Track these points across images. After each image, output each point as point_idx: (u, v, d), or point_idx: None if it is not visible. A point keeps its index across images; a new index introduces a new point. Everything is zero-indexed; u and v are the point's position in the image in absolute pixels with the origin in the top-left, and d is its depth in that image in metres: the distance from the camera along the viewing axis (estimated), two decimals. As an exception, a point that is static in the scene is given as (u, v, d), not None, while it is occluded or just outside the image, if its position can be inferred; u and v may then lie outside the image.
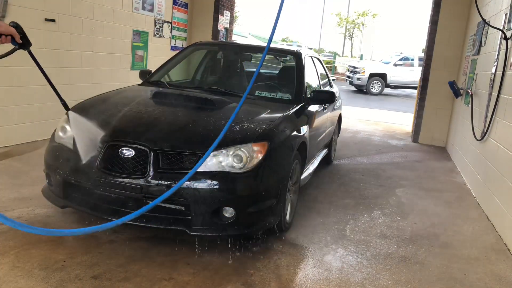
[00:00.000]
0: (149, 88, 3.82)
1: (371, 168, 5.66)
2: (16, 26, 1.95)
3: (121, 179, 2.69)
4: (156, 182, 2.65)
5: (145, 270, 2.60)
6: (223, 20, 8.76)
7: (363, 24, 45.88)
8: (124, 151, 2.73)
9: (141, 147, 2.72)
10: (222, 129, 2.90)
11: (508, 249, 3.39)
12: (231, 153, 2.74)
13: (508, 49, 4.17)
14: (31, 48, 2.12)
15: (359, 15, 45.50)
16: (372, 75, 18.16)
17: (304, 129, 3.56)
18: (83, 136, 2.92)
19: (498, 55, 4.53)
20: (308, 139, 3.66)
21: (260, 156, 2.79)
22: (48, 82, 2.47)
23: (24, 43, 1.99)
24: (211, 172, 2.68)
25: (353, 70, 19.28)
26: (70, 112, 3.25)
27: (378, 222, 3.74)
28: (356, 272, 2.82)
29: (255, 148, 2.79)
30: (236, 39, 15.72)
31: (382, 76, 18.19)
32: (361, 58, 29.71)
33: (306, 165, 3.93)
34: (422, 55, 15.56)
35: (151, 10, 7.25)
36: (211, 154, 2.70)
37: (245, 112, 3.33)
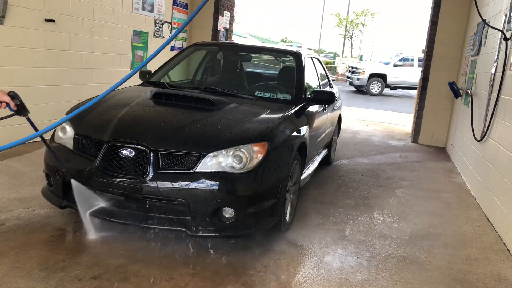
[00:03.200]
0: (149, 88, 3.82)
1: (371, 168, 5.66)
2: (14, 95, 2.19)
3: (121, 179, 2.69)
4: (156, 182, 2.65)
5: (145, 270, 2.60)
6: (223, 21, 8.76)
7: (362, 24, 45.86)
8: (124, 152, 2.73)
9: (141, 147, 2.72)
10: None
11: (508, 249, 3.39)
12: (231, 153, 2.74)
13: (508, 50, 4.17)
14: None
15: (358, 15, 45.49)
16: (372, 76, 18.17)
17: (304, 130, 3.56)
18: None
19: (498, 55, 4.54)
20: (308, 139, 3.66)
21: (260, 157, 2.79)
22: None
23: (20, 110, 2.27)
24: (211, 172, 2.68)
25: (353, 70, 19.30)
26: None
27: (378, 223, 3.74)
28: (356, 273, 2.82)
29: (255, 148, 2.79)
30: (236, 39, 15.72)
31: (382, 77, 18.20)
32: (360, 59, 29.71)
33: (306, 165, 3.94)
34: (422, 55, 15.57)
35: (151, 11, 7.26)
36: (211, 154, 2.71)
37: (245, 113, 3.33)
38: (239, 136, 2.86)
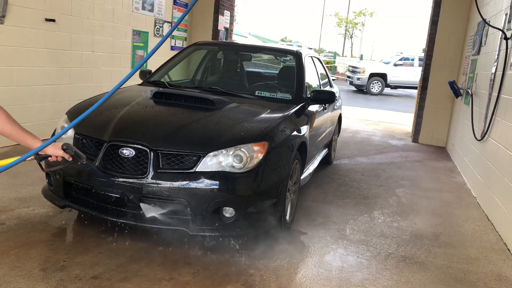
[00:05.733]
0: (149, 88, 3.82)
1: (371, 168, 5.66)
2: (67, 148, 2.15)
3: (121, 179, 2.68)
4: (156, 182, 2.65)
5: (145, 270, 2.60)
6: (223, 20, 8.76)
7: (362, 24, 45.78)
8: (124, 151, 2.73)
9: (141, 147, 2.72)
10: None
11: (508, 249, 3.39)
12: (231, 153, 2.74)
13: (508, 49, 4.17)
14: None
15: (357, 14, 45.36)
16: (372, 75, 18.16)
17: (304, 129, 3.55)
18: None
19: (498, 55, 4.53)
20: (308, 139, 3.66)
21: (260, 156, 2.79)
22: None
23: (75, 159, 2.20)
24: (211, 172, 2.68)
25: (353, 70, 19.28)
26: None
27: (378, 222, 3.74)
28: (356, 272, 2.82)
29: (255, 148, 2.79)
30: (236, 39, 15.72)
31: (382, 76, 18.18)
32: (361, 58, 29.70)
33: (306, 165, 3.93)
34: (422, 55, 15.57)
35: (151, 10, 7.25)
36: (212, 153, 2.71)
37: (245, 112, 3.33)
38: (239, 136, 2.86)
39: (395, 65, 18.59)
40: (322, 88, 4.79)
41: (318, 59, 5.27)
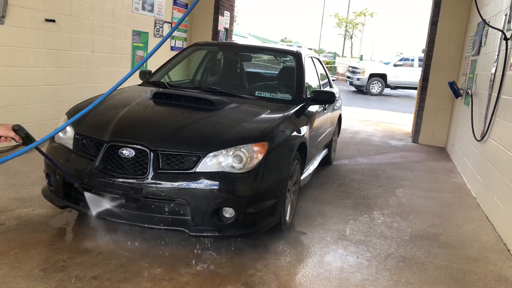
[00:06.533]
0: (149, 88, 3.82)
1: (371, 168, 5.66)
2: (18, 129, 2.11)
3: (121, 180, 2.69)
4: (156, 182, 2.65)
5: (145, 270, 2.60)
6: (223, 21, 8.76)
7: (362, 25, 45.75)
8: (124, 152, 2.73)
9: (141, 147, 2.72)
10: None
11: (508, 249, 3.39)
12: (231, 153, 2.74)
13: (508, 50, 4.17)
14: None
15: (357, 15, 45.32)
16: (372, 76, 18.17)
17: (304, 130, 3.56)
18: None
19: (498, 55, 4.54)
20: (308, 139, 3.66)
21: (260, 157, 2.79)
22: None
23: (26, 142, 2.15)
24: (211, 172, 2.68)
25: (353, 70, 19.29)
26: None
27: (378, 223, 3.74)
28: (356, 273, 2.82)
29: (255, 148, 2.79)
30: (236, 39, 15.72)
31: (382, 77, 18.19)
32: (361, 59, 29.69)
33: (306, 165, 3.94)
34: (422, 55, 15.57)
35: (151, 11, 7.25)
36: (211, 154, 2.71)
37: (245, 112, 3.33)
38: (239, 136, 2.86)
39: (395, 65, 18.60)
40: (322, 89, 4.79)
41: (318, 59, 5.27)
